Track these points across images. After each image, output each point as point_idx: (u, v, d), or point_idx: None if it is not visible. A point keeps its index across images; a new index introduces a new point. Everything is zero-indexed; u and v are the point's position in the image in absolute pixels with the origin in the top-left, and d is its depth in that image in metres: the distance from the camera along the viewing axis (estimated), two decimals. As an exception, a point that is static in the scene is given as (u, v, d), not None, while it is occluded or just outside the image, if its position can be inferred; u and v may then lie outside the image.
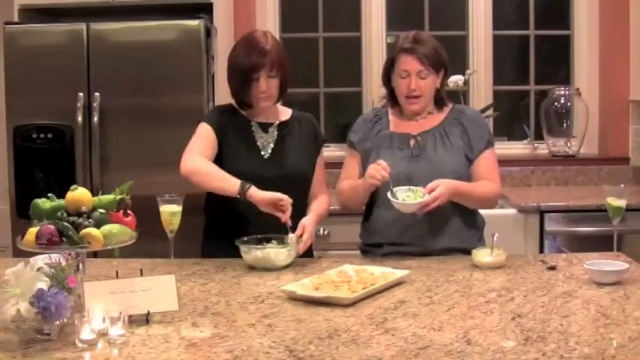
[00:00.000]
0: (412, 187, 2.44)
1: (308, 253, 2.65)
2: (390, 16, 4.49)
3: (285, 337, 1.72)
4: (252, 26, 4.23)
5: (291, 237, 2.44)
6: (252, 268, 2.41)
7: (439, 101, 2.67)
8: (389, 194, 2.43)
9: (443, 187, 2.42)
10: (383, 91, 2.77)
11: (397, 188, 2.44)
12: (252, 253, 2.40)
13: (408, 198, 2.43)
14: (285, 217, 2.43)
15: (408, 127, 2.64)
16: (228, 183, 2.47)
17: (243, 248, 2.42)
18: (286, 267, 2.41)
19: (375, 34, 4.48)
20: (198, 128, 2.62)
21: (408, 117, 2.66)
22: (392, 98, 2.69)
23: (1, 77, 3.69)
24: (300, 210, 2.61)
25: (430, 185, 2.42)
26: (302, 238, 2.48)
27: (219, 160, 2.60)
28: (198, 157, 2.53)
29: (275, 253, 2.39)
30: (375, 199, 2.61)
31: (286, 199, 2.42)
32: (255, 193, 2.43)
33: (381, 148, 2.61)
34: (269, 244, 2.44)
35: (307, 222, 2.53)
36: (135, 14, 3.76)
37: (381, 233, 2.61)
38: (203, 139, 2.59)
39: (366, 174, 2.48)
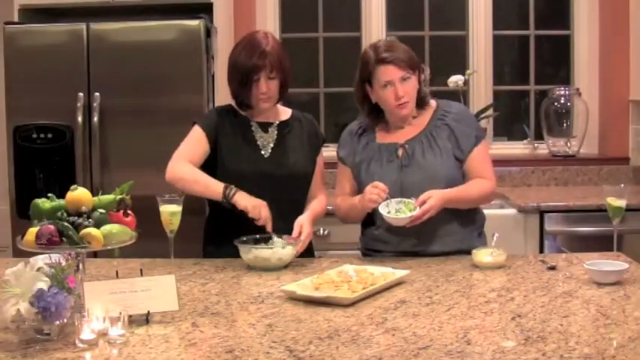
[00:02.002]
0: (404, 200, 2.43)
1: (309, 253, 2.66)
2: (390, 16, 4.49)
3: (285, 337, 1.72)
4: (252, 26, 4.23)
5: (278, 240, 2.46)
6: (251, 268, 2.41)
7: (420, 100, 2.63)
8: (380, 208, 2.42)
9: (434, 199, 2.40)
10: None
11: (388, 201, 2.44)
12: (251, 253, 2.40)
13: (399, 211, 2.42)
14: (262, 221, 2.45)
15: (394, 135, 2.62)
16: (211, 189, 2.50)
17: (241, 248, 2.42)
18: (286, 267, 2.41)
19: (375, 34, 4.47)
20: (191, 132, 2.63)
21: (393, 125, 2.64)
22: (371, 114, 2.65)
23: (1, 77, 3.69)
24: (300, 209, 2.62)
25: (421, 197, 2.41)
26: (300, 238, 2.48)
27: (218, 160, 2.60)
28: (184, 164, 2.55)
29: (274, 253, 2.39)
30: (374, 210, 2.60)
31: (267, 212, 2.45)
32: (239, 200, 2.45)
33: (371, 162, 2.60)
34: (268, 244, 2.44)
35: (304, 221, 2.53)
36: (135, 14, 3.76)
37: (381, 242, 2.60)
38: (193, 143, 2.61)
39: (365, 197, 2.47)
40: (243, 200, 2.46)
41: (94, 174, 3.59)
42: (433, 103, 2.66)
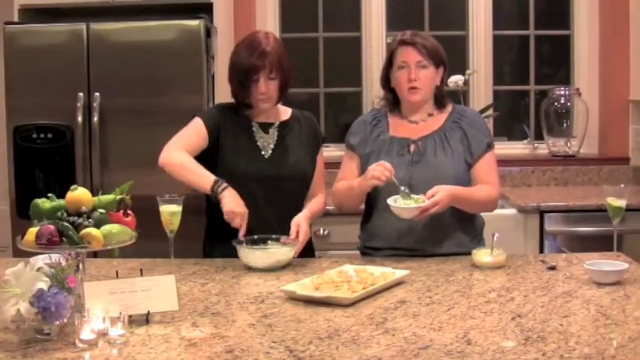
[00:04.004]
0: (413, 196, 2.43)
1: (310, 252, 2.66)
2: (390, 16, 4.49)
3: (285, 337, 1.72)
4: (252, 26, 4.23)
5: (276, 242, 2.46)
6: (250, 268, 2.40)
7: (439, 100, 2.66)
8: (389, 200, 2.42)
9: (442, 192, 2.39)
10: (381, 91, 2.75)
11: (397, 196, 2.44)
12: (249, 253, 2.39)
13: (407, 204, 2.42)
14: (241, 233, 2.45)
15: (407, 130, 2.63)
16: (203, 179, 2.48)
17: (239, 249, 2.42)
18: (284, 267, 2.41)
19: (375, 34, 4.48)
20: (191, 122, 2.63)
21: (408, 119, 2.65)
22: (391, 102, 2.67)
23: (1, 77, 3.69)
24: (300, 209, 2.61)
25: (430, 192, 2.40)
26: (297, 239, 2.47)
27: (218, 159, 2.60)
28: (179, 150, 2.54)
29: (271, 254, 2.38)
30: (374, 204, 2.60)
31: (243, 220, 2.44)
32: (223, 200, 2.44)
33: (381, 154, 2.59)
34: (265, 245, 2.43)
35: (301, 220, 2.52)
36: (135, 14, 3.76)
37: (380, 238, 2.60)
38: (191, 133, 2.60)
39: (367, 174, 2.46)
40: (226, 203, 2.44)
41: (94, 174, 3.59)
42: (449, 106, 2.68)
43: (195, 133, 2.59)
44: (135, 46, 3.59)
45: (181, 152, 2.53)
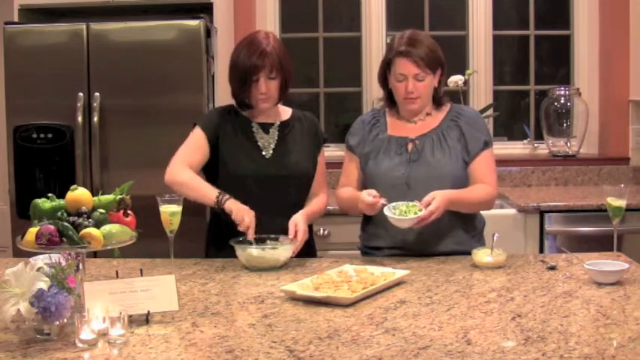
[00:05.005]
0: (408, 203, 2.42)
1: (311, 252, 2.66)
2: (390, 16, 4.49)
3: (285, 337, 1.72)
4: (252, 26, 4.23)
5: (275, 241, 2.46)
6: (248, 267, 2.40)
7: (437, 100, 2.66)
8: (385, 210, 2.42)
9: (438, 199, 2.39)
10: (381, 92, 2.76)
11: (393, 204, 2.43)
12: (247, 253, 2.39)
13: (404, 213, 2.41)
14: (250, 233, 2.45)
15: (405, 129, 2.63)
16: (206, 196, 2.51)
17: (237, 248, 2.41)
18: (282, 267, 2.41)
19: (375, 34, 4.48)
20: (191, 134, 2.64)
21: (406, 119, 2.65)
22: (389, 99, 2.68)
23: (1, 77, 3.69)
24: (301, 209, 2.61)
25: (426, 199, 2.40)
26: (296, 238, 2.47)
27: (219, 160, 2.60)
28: (183, 168, 2.56)
29: (269, 253, 2.38)
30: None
31: (251, 219, 2.45)
32: (229, 208, 2.46)
33: (379, 153, 2.60)
34: (264, 244, 2.43)
35: (298, 220, 2.52)
36: (135, 14, 3.76)
37: (380, 238, 2.60)
38: (193, 146, 2.62)
39: (362, 206, 2.47)
40: (233, 208, 2.46)
41: (94, 174, 3.59)
42: (448, 105, 2.68)
43: (196, 146, 2.61)
44: (135, 46, 3.59)
45: (184, 170, 2.56)
